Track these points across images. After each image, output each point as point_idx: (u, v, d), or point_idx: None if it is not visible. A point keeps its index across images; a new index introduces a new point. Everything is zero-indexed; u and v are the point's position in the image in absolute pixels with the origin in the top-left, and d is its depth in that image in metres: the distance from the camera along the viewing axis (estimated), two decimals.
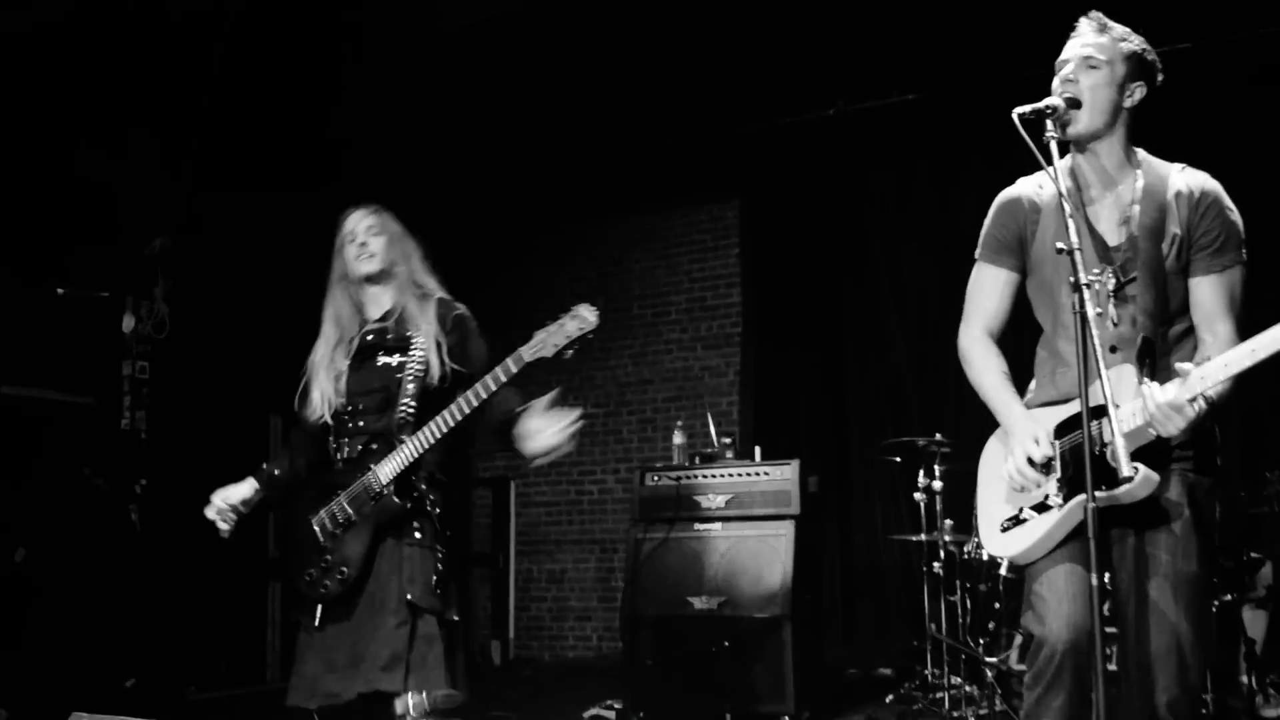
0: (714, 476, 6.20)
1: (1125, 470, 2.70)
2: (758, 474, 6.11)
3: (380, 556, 3.58)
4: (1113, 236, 3.05)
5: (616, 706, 6.23)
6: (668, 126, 8.07)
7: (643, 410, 9.01)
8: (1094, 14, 3.11)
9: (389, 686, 3.43)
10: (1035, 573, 3.06)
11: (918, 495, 6.13)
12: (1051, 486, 2.97)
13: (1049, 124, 2.97)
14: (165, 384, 7.14)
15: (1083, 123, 3.04)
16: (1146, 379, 2.85)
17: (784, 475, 6.04)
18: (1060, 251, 2.83)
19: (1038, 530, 2.98)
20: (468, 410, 3.49)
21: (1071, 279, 2.78)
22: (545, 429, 3.56)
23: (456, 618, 3.63)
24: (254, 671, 7.67)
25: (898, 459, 6.48)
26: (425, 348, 3.70)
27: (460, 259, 9.27)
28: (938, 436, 6.01)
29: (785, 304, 8.63)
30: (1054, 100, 3.01)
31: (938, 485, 6.04)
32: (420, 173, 8.05)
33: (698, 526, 6.15)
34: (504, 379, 3.44)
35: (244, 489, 3.86)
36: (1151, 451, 2.85)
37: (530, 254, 9.47)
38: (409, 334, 3.73)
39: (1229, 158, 6.61)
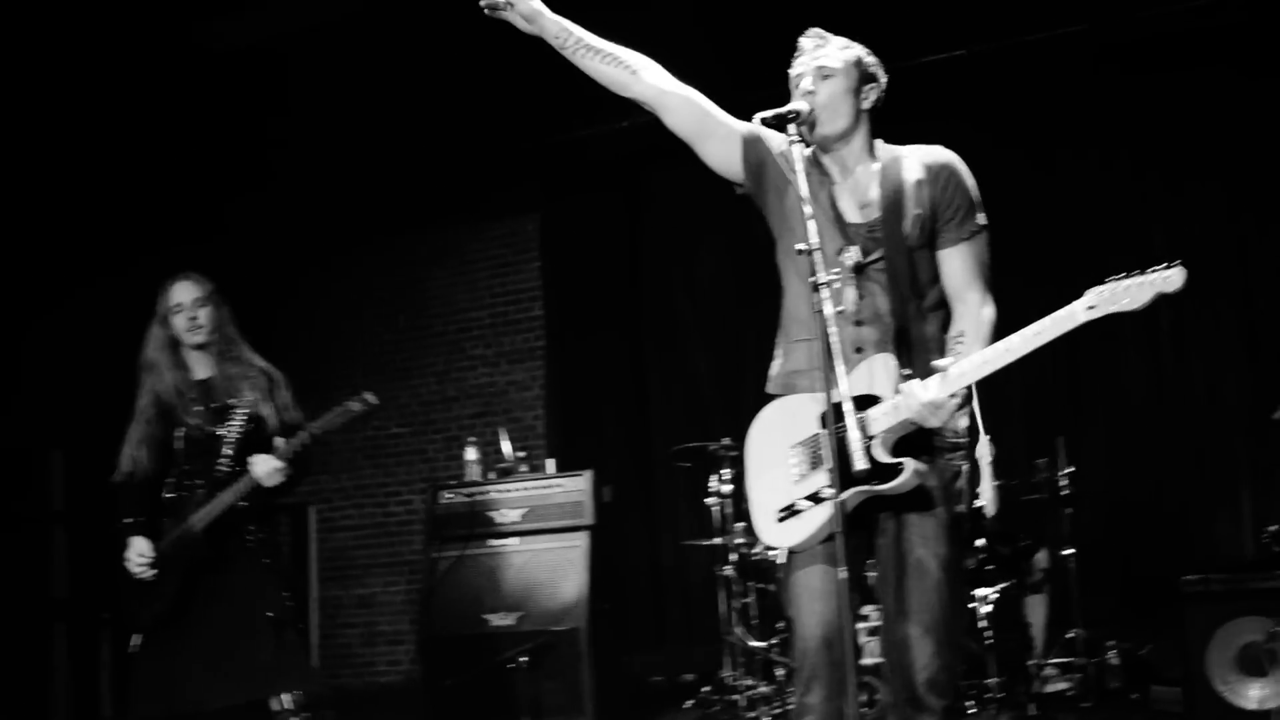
0: (508, 491, 6.18)
1: (860, 462, 2.78)
2: (551, 486, 6.11)
3: (234, 586, 4.13)
4: (854, 216, 3.13)
5: None
6: (463, 142, 8.01)
7: (448, 428, 8.89)
8: (812, 30, 3.19)
9: (268, 693, 4.05)
10: (790, 570, 3.12)
11: (709, 500, 6.19)
12: (822, 479, 3.01)
13: (792, 128, 3.03)
14: None
15: (827, 128, 3.12)
16: (907, 371, 2.93)
17: (577, 486, 6.06)
18: (801, 253, 2.88)
19: (812, 522, 3.02)
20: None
21: (811, 279, 2.84)
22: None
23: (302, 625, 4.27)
24: (39, 717, 7.32)
25: (688, 464, 6.53)
26: (246, 412, 4.25)
27: (261, 296, 9.05)
28: (725, 440, 6.09)
29: (587, 316, 8.65)
30: (799, 104, 3.07)
31: (727, 489, 6.12)
32: (210, 206, 7.86)
33: (493, 542, 6.13)
34: (298, 447, 4.12)
35: (140, 543, 4.20)
36: (911, 439, 2.95)
37: (331, 280, 9.28)
38: (229, 403, 4.26)
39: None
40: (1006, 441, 7.08)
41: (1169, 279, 2.70)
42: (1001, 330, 2.94)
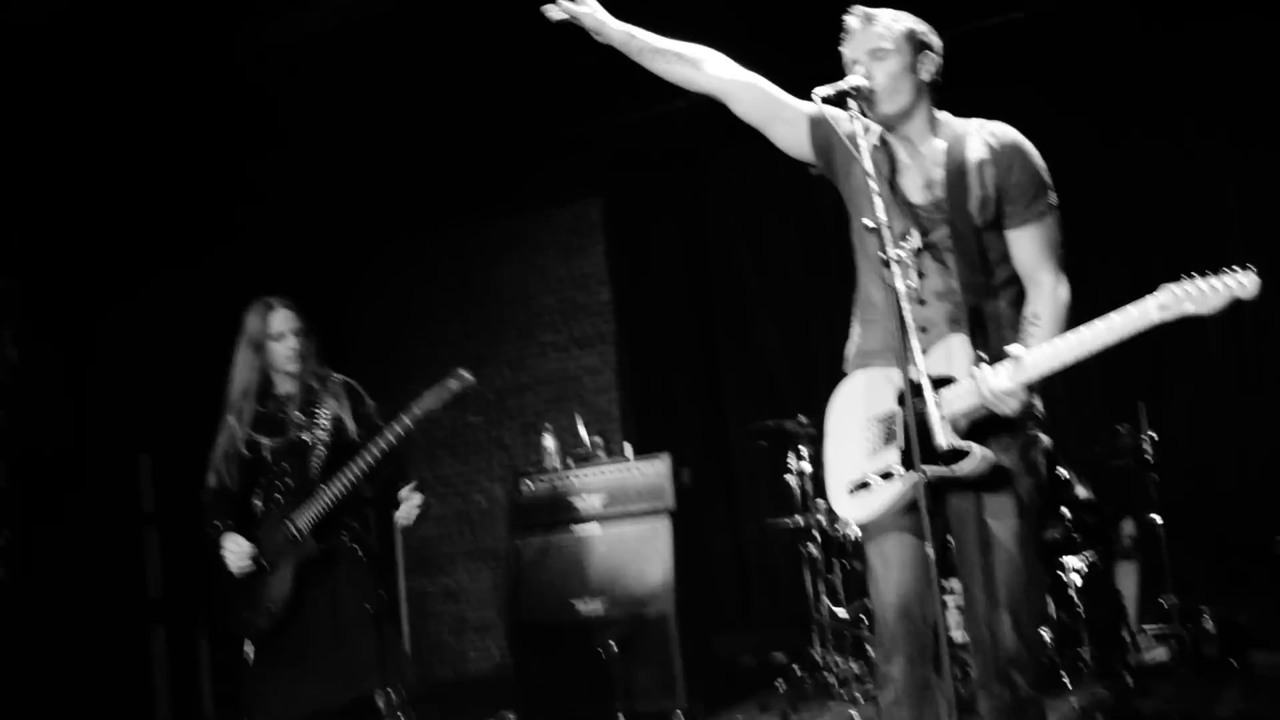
0: (587, 477, 6.20)
1: (941, 441, 2.77)
2: (630, 471, 6.11)
3: (335, 582, 4.26)
4: (918, 197, 3.10)
5: (510, 717, 6.19)
6: (523, 129, 8.03)
7: (524, 415, 8.96)
8: (857, 9, 3.15)
9: (373, 688, 4.21)
10: (870, 541, 3.14)
11: (789, 478, 6.17)
12: (893, 455, 3.02)
13: (852, 103, 3.02)
14: (23, 431, 6.91)
15: (887, 107, 3.09)
16: (981, 354, 2.91)
17: (656, 470, 6.06)
18: (868, 229, 2.87)
19: (882, 498, 3.04)
20: (373, 462, 4.19)
21: (881, 254, 2.83)
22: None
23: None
24: (142, 717, 7.48)
25: (765, 443, 6.51)
26: (331, 419, 4.38)
27: (330, 288, 9.16)
28: (801, 418, 6.06)
29: (655, 298, 8.64)
30: (856, 80, 3.04)
31: (807, 467, 6.09)
32: (279, 203, 7.95)
33: (575, 529, 6.15)
34: (401, 432, 4.14)
35: (233, 537, 4.31)
36: (986, 419, 2.93)
37: (397, 272, 9.37)
38: (315, 410, 4.39)
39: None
40: (1084, 408, 7.02)
41: (1244, 285, 2.66)
42: (1074, 308, 2.92)
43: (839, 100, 3.01)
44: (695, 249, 8.64)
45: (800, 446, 6.14)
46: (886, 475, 3.03)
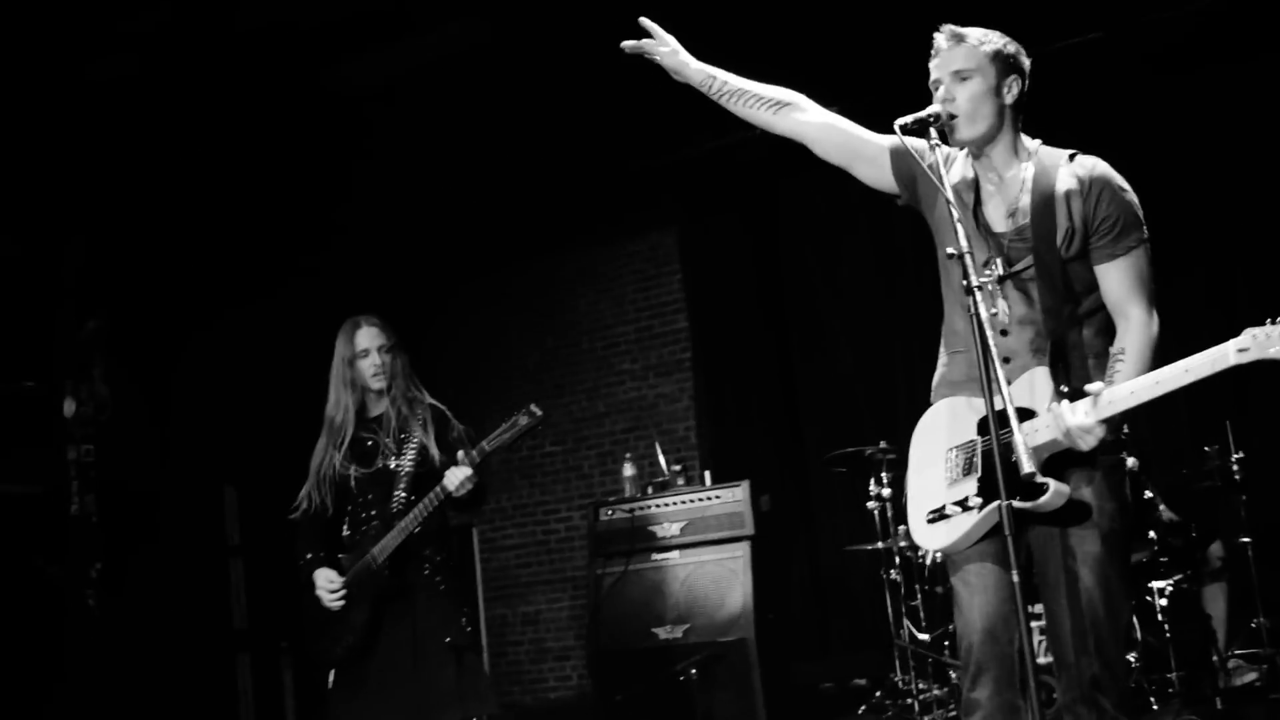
0: (666, 505, 6.23)
1: (1026, 467, 2.75)
2: (709, 498, 6.14)
3: (415, 614, 4.23)
4: (1001, 225, 3.08)
5: None
6: (600, 161, 8.10)
7: (601, 444, 8.98)
8: (946, 27, 3.12)
9: (454, 717, 4.14)
10: (953, 568, 3.13)
11: (871, 504, 6.16)
12: (972, 486, 3.00)
13: (933, 132, 3.02)
14: (113, 465, 7.08)
15: (969, 132, 3.06)
16: (1062, 387, 2.90)
17: (735, 497, 6.08)
18: (950, 257, 2.87)
19: (959, 527, 3.02)
20: (444, 497, 4.15)
21: (964, 282, 2.83)
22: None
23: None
24: None
25: (843, 470, 6.49)
26: (417, 447, 4.34)
27: (412, 321, 9.27)
28: (882, 444, 6.05)
29: (731, 324, 8.66)
30: (936, 108, 3.04)
31: (887, 493, 6.08)
32: (362, 236, 8.09)
33: (655, 556, 6.18)
34: (479, 459, 4.11)
35: (326, 573, 4.32)
36: (1066, 451, 2.91)
37: (477, 305, 9.46)
38: (403, 438, 4.35)
39: (1137, 144, 6.79)
40: (1170, 428, 6.92)
41: None
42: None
43: (920, 129, 3.00)
44: (771, 275, 8.66)
45: (881, 472, 6.12)
46: (964, 505, 3.01)
